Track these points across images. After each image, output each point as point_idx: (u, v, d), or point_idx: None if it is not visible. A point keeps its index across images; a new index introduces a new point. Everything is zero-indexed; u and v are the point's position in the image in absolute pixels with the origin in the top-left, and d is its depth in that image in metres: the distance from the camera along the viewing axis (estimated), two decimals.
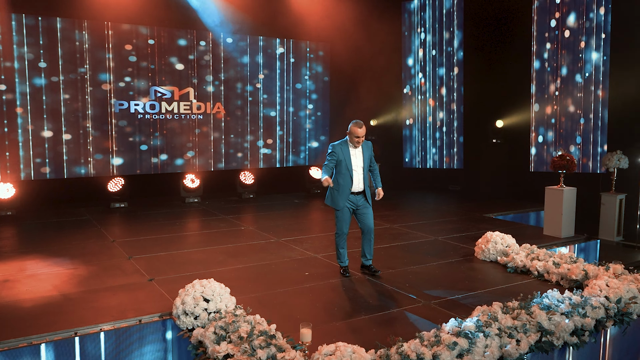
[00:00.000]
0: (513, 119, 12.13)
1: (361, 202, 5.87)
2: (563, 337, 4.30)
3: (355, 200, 5.83)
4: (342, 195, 5.78)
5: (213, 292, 4.60)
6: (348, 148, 5.77)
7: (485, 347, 3.97)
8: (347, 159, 5.74)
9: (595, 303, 4.70)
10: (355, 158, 5.80)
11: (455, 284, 5.83)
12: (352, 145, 5.77)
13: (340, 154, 5.74)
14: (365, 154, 5.85)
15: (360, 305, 5.15)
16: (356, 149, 5.80)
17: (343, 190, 5.77)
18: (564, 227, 8.01)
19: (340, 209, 5.81)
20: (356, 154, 5.81)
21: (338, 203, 5.80)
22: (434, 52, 13.01)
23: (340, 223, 5.86)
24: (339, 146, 5.78)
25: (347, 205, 5.81)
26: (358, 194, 5.84)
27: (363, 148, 5.85)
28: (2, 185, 9.31)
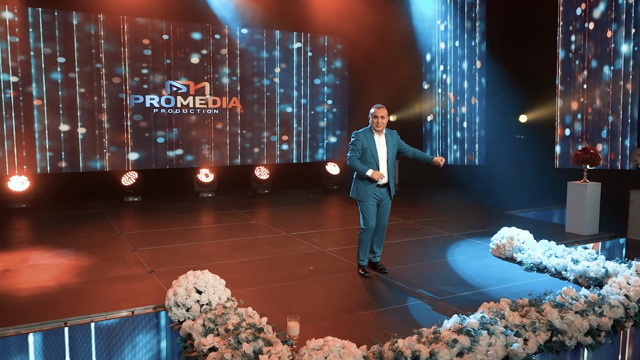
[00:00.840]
0: (537, 113, 11.70)
1: (385, 196, 5.51)
2: (576, 337, 3.99)
3: (380, 194, 5.46)
4: (369, 186, 5.39)
5: (206, 283, 4.43)
6: (373, 136, 5.42)
7: (488, 345, 3.69)
8: (372, 147, 5.37)
9: (613, 302, 4.36)
10: (380, 147, 5.43)
11: (466, 281, 5.54)
12: (376, 132, 5.41)
13: (364, 142, 5.37)
14: (389, 143, 5.47)
15: (363, 301, 4.92)
16: (380, 137, 5.44)
17: (370, 182, 5.39)
18: (588, 224, 7.61)
19: (366, 200, 5.42)
20: (380, 143, 5.44)
21: (365, 194, 5.41)
22: (455, 45, 12.65)
23: (367, 216, 5.45)
24: (362, 134, 5.42)
25: (373, 197, 5.44)
26: (383, 186, 5.47)
27: (387, 137, 5.49)
28: (17, 178, 9.36)
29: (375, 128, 5.40)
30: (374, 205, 5.48)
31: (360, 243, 5.63)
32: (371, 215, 5.48)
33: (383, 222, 5.64)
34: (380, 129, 5.40)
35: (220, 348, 3.47)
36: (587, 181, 7.69)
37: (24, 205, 9.31)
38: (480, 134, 12.38)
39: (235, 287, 5.19)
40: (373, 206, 5.48)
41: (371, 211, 5.47)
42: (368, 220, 5.48)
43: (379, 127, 5.39)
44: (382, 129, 5.42)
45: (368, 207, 5.46)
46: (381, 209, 5.56)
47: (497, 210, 9.53)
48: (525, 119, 11.91)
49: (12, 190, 9.27)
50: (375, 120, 5.38)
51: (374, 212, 5.50)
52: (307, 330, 4.01)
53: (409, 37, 12.89)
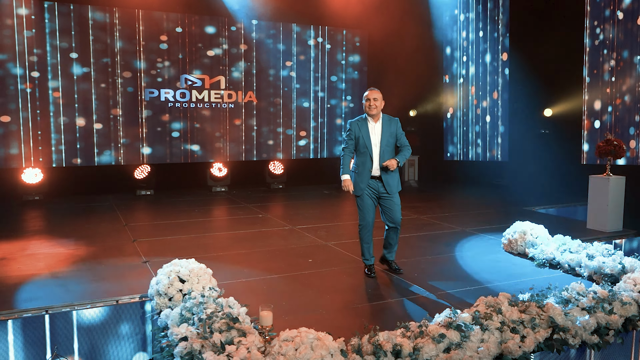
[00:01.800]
0: (563, 107, 11.20)
1: (383, 190, 5.03)
2: (581, 336, 3.66)
3: (377, 187, 5.03)
4: (362, 178, 5.00)
5: (190, 272, 4.26)
6: (367, 124, 5.01)
7: (480, 341, 3.41)
8: (365, 136, 4.97)
9: (626, 298, 4.01)
10: (374, 135, 5.00)
11: (471, 276, 5.23)
12: (371, 119, 5.01)
13: (357, 131, 5.00)
14: (385, 131, 5.00)
15: (356, 294, 4.68)
16: (375, 125, 5.01)
17: (362, 172, 5.00)
18: (610, 220, 7.17)
19: (360, 194, 5.02)
20: (375, 130, 5.01)
21: (357, 187, 5.01)
22: (477, 37, 12.25)
23: (361, 212, 5.06)
24: (355, 123, 5.04)
25: (367, 191, 5.02)
26: (378, 179, 5.03)
27: (384, 124, 5.02)
28: (31, 170, 9.42)
29: (368, 112, 4.99)
30: (369, 199, 5.06)
31: (360, 240, 5.16)
32: (367, 210, 5.05)
33: (395, 218, 5.09)
34: (373, 112, 4.97)
35: (191, 337, 3.29)
36: (611, 174, 7.25)
37: (37, 197, 9.37)
38: (502, 129, 11.94)
39: (227, 278, 5.04)
40: (368, 200, 5.05)
41: (366, 205, 5.05)
42: (364, 215, 5.07)
43: (372, 111, 4.97)
44: (376, 112, 4.98)
45: (363, 202, 5.05)
46: (385, 206, 5.09)
47: (516, 206, 9.12)
48: (550, 113, 11.42)
49: (26, 183, 9.34)
50: (368, 103, 4.98)
51: (371, 207, 5.08)
52: (292, 322, 3.80)
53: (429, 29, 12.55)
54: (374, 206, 5.11)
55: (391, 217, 5.10)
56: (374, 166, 5.01)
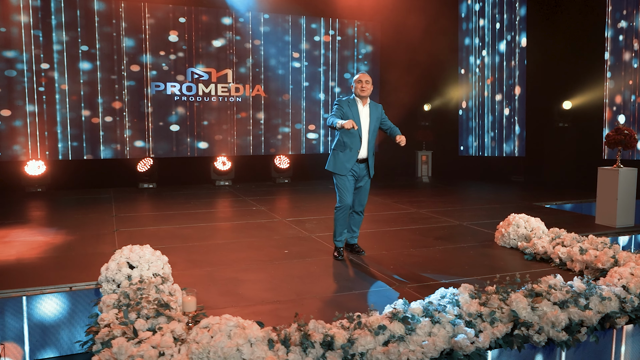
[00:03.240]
0: (582, 99, 10.62)
1: (364, 173, 5.07)
2: (548, 332, 3.30)
3: (359, 170, 5.03)
4: (350, 159, 4.96)
5: (140, 258, 4.08)
6: (356, 105, 5.00)
7: (428, 335, 3.10)
8: (355, 117, 4.93)
9: (606, 293, 3.62)
10: (363, 118, 5.00)
11: (452, 269, 4.89)
12: (360, 101, 5.00)
13: (347, 110, 4.94)
14: (373, 116, 5.03)
15: (321, 285, 4.40)
16: (364, 108, 5.01)
17: (350, 154, 4.96)
18: (620, 215, 6.67)
19: (344, 174, 4.97)
20: (364, 113, 5.01)
21: (343, 167, 4.95)
22: (493, 28, 11.77)
23: (342, 192, 4.99)
24: (345, 101, 5.00)
25: (350, 172, 5.00)
26: (362, 161, 5.03)
27: (371, 108, 5.05)
28: (34, 162, 9.49)
29: (360, 94, 4.96)
30: (350, 181, 5.04)
31: (335, 222, 5.14)
32: (347, 191, 5.02)
33: (362, 201, 5.23)
34: (365, 94, 4.95)
35: (113, 323, 3.09)
36: (621, 166, 6.76)
37: (40, 189, 9.43)
38: (519, 123, 11.43)
39: (192, 267, 4.86)
40: (350, 182, 5.04)
41: (347, 187, 5.02)
42: (344, 197, 5.02)
43: (364, 92, 4.94)
44: (367, 95, 4.97)
45: (344, 183, 5.01)
46: (359, 188, 5.14)
47: (526, 202, 8.65)
48: (569, 106, 10.86)
49: (29, 175, 9.41)
50: (360, 85, 4.95)
51: (351, 189, 5.05)
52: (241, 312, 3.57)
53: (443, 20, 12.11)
54: (353, 188, 5.09)
55: (360, 199, 5.19)
56: (362, 148, 5.00)
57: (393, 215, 7.52)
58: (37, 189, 9.40)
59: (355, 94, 5.01)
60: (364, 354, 2.93)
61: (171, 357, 2.67)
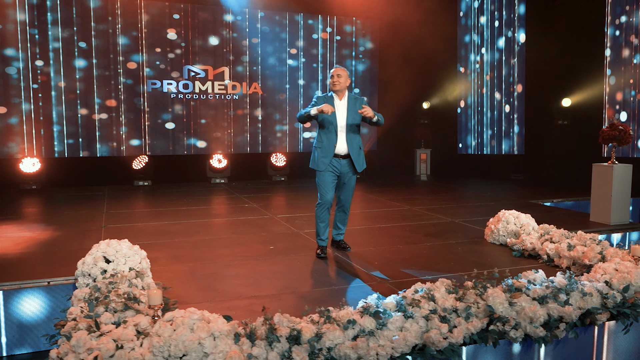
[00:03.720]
0: (582, 96, 10.49)
1: (347, 170, 4.92)
2: (525, 328, 3.22)
3: (340, 165, 4.88)
4: (326, 154, 4.84)
5: (117, 252, 4.04)
6: (333, 100, 4.90)
7: (400, 329, 3.03)
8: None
9: (588, 289, 3.53)
10: (340, 112, 4.88)
11: (437, 265, 4.81)
12: (336, 96, 4.90)
13: (323, 103, 4.83)
14: (351, 109, 4.88)
15: (301, 281, 4.34)
16: (341, 102, 4.90)
17: (326, 149, 4.85)
18: (615, 212, 6.56)
19: (323, 170, 4.86)
20: (341, 108, 4.89)
21: (320, 163, 4.85)
22: (492, 25, 11.66)
23: (321, 189, 4.89)
24: (323, 97, 4.94)
25: (330, 168, 4.88)
26: (343, 157, 4.89)
27: (349, 102, 4.92)
28: (29, 160, 9.49)
29: (331, 88, 4.92)
30: (331, 177, 4.91)
31: (316, 219, 5.04)
32: (327, 188, 4.89)
33: (347, 198, 5.11)
34: (337, 88, 4.89)
35: (79, 317, 3.04)
36: (616, 162, 6.65)
37: (35, 186, 9.42)
38: (518, 121, 11.32)
39: (175, 263, 4.83)
40: (330, 178, 4.90)
41: (327, 183, 4.89)
42: (323, 193, 4.90)
43: (335, 87, 4.89)
44: (340, 88, 4.89)
45: (323, 178, 4.89)
46: (343, 184, 5.01)
47: (522, 199, 8.54)
48: (569, 103, 10.73)
49: (24, 172, 9.41)
50: (332, 80, 4.91)
51: (331, 185, 4.92)
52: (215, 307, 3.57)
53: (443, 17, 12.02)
54: (334, 185, 4.97)
55: (344, 196, 5.08)
56: (339, 144, 4.88)
57: (385, 212, 7.44)
58: (31, 186, 9.40)
59: (330, 88, 4.96)
60: (332, 348, 2.86)
61: (131, 350, 2.62)
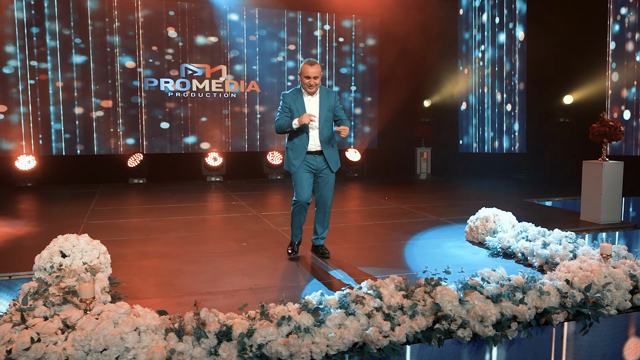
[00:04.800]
0: (584, 92, 10.24)
1: (322, 166, 4.65)
2: (473, 326, 3.10)
3: (316, 163, 4.62)
4: (297, 155, 4.59)
5: (73, 246, 4.01)
6: (302, 97, 4.61)
7: (339, 327, 2.94)
8: (300, 110, 4.57)
9: (547, 288, 3.39)
10: (311, 109, 4.60)
11: (408, 264, 4.69)
12: (306, 93, 4.61)
13: (292, 104, 4.58)
14: (323, 105, 4.61)
15: (264, 278, 4.26)
16: (312, 98, 4.61)
17: (298, 149, 4.60)
18: (604, 211, 6.36)
19: (296, 169, 4.61)
20: (311, 104, 4.61)
21: (292, 164, 4.62)
22: (493, 22, 11.46)
23: (297, 187, 4.62)
24: (290, 95, 4.63)
25: (304, 166, 4.62)
26: (317, 154, 4.63)
27: (321, 97, 4.63)
28: (24, 157, 9.57)
29: (307, 91, 4.59)
30: (306, 175, 4.62)
31: (291, 217, 4.85)
32: (302, 187, 4.60)
33: (324, 196, 4.73)
34: (313, 90, 4.58)
35: (10, 310, 3.01)
36: (607, 159, 6.45)
37: (30, 184, 9.51)
38: (519, 118, 11.10)
39: (142, 258, 4.80)
40: (305, 176, 4.62)
41: (302, 181, 4.60)
42: (299, 192, 4.61)
43: (312, 89, 4.57)
44: (314, 91, 4.60)
45: (298, 177, 4.60)
46: (320, 182, 4.70)
47: (517, 198, 8.36)
48: (570, 100, 10.49)
49: (19, 169, 9.50)
50: (307, 81, 4.53)
51: (307, 183, 4.62)
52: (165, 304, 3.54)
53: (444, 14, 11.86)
54: (310, 183, 4.67)
55: (322, 193, 4.73)
56: (311, 142, 4.61)
57: (371, 210, 7.34)
58: (27, 183, 9.49)
59: (303, 89, 4.62)
60: (263, 345, 2.78)
61: (50, 344, 2.57)
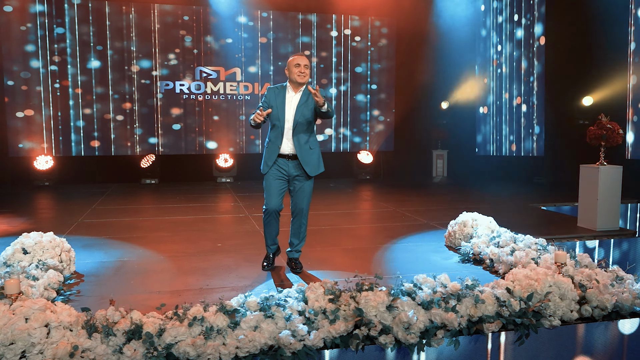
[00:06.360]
0: (604, 94, 9.83)
1: (296, 172, 4.28)
2: (397, 333, 3.04)
3: (287, 168, 4.27)
4: (270, 155, 4.26)
5: (35, 244, 4.16)
6: (284, 93, 4.26)
7: (254, 329, 2.94)
8: (279, 107, 4.21)
9: (484, 296, 3.29)
10: (290, 107, 4.23)
11: (371, 268, 4.63)
12: (291, 88, 4.26)
13: (273, 99, 4.24)
14: (302, 103, 4.21)
15: (219, 279, 4.30)
16: (295, 96, 4.24)
17: (271, 149, 4.27)
18: (601, 217, 6.10)
19: (267, 173, 4.29)
20: (292, 102, 4.24)
21: (265, 165, 4.30)
22: (511, 22, 11.16)
23: (266, 194, 4.32)
24: (273, 90, 4.30)
25: (275, 171, 4.28)
26: (290, 158, 4.27)
27: (302, 96, 4.25)
28: (43, 157, 9.99)
29: (297, 80, 4.19)
30: (276, 182, 4.28)
31: (263, 226, 4.48)
32: (270, 193, 4.28)
33: (298, 205, 4.35)
34: (303, 80, 4.20)
35: None
36: (605, 163, 6.18)
37: (47, 183, 9.90)
38: (537, 121, 10.76)
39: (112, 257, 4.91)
40: (275, 183, 4.28)
41: (271, 187, 4.28)
42: (267, 199, 4.31)
43: (303, 79, 4.19)
44: (305, 80, 4.22)
45: (268, 183, 4.31)
46: (293, 188, 4.35)
47: (522, 203, 8.11)
48: (590, 102, 10.08)
49: (38, 169, 9.92)
50: (297, 69, 4.17)
51: (276, 191, 4.28)
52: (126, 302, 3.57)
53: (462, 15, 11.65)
54: (281, 190, 4.32)
55: (297, 202, 4.37)
56: (284, 143, 4.26)
57: (365, 213, 7.29)
58: (44, 182, 9.89)
59: (291, 79, 4.24)
60: (172, 345, 2.81)
61: None
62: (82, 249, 5.09)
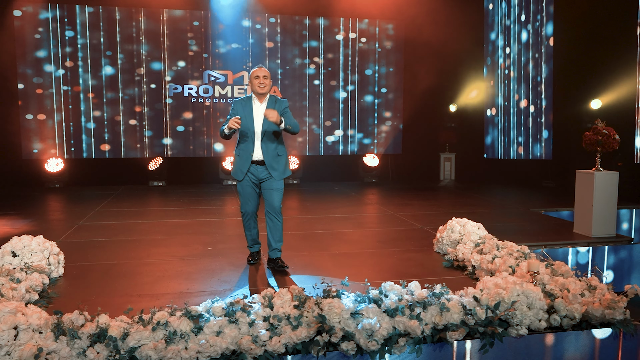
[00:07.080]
0: (612, 97, 9.68)
1: (263, 175, 4.61)
2: (358, 340, 3.08)
3: (257, 173, 4.60)
4: (244, 163, 4.59)
5: (24, 247, 4.31)
6: (251, 104, 4.57)
7: (217, 334, 3.01)
8: (248, 117, 4.53)
9: (451, 304, 3.31)
10: (258, 117, 4.55)
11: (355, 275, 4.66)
12: (257, 99, 4.57)
13: (240, 111, 4.55)
14: None
15: (199, 283, 4.38)
16: (261, 105, 4.56)
17: (243, 158, 4.60)
18: (596, 223, 6.02)
19: (240, 179, 4.63)
20: (259, 112, 4.56)
21: (238, 172, 4.62)
22: (519, 24, 11.06)
23: (241, 199, 4.72)
24: (240, 102, 4.60)
25: (248, 179, 4.63)
26: (260, 163, 4.60)
27: (269, 104, 4.55)
28: (53, 160, 10.24)
29: (257, 90, 4.52)
30: (250, 187, 4.65)
31: (244, 228, 4.88)
32: (245, 198, 4.68)
33: (271, 204, 4.61)
34: (265, 90, 4.54)
35: None
36: (601, 169, 6.11)
37: (58, 185, 10.16)
38: (546, 124, 10.64)
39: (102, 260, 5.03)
40: (249, 187, 4.65)
41: (246, 193, 4.67)
42: (243, 203, 4.73)
43: (262, 89, 4.52)
44: (265, 91, 4.56)
45: (242, 189, 4.68)
46: (264, 190, 4.65)
47: (525, 207, 8.05)
48: (599, 105, 9.94)
49: (48, 171, 10.18)
50: (257, 80, 4.51)
51: (250, 195, 4.67)
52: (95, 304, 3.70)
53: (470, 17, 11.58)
54: (255, 194, 4.70)
55: (270, 202, 4.63)
56: (255, 150, 4.58)
57: (359, 217, 7.32)
58: (55, 184, 10.14)
59: (253, 90, 4.58)
60: (135, 348, 2.90)
61: None
62: (75, 252, 5.23)
